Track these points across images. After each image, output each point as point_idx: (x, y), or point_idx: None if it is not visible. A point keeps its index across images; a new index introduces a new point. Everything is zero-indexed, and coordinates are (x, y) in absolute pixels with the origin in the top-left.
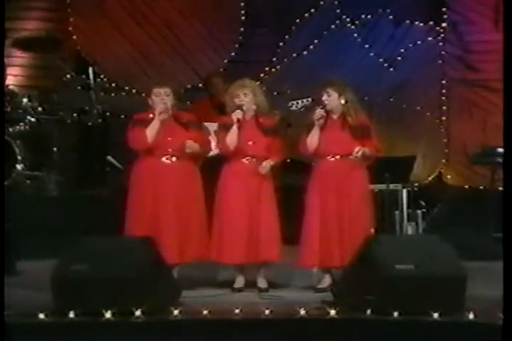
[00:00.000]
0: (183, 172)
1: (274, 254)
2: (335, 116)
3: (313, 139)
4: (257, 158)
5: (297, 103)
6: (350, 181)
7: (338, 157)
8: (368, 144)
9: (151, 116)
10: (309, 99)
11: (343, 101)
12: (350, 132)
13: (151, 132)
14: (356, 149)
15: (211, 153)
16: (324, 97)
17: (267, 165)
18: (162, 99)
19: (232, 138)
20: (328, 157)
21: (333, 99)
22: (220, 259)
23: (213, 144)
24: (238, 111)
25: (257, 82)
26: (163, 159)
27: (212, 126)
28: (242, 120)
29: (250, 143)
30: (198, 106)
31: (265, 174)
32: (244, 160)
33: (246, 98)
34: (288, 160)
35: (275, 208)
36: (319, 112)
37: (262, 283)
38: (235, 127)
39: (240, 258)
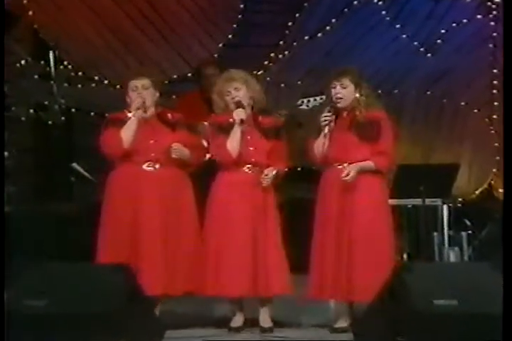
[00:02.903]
0: (170, 182)
1: (284, 285)
2: (344, 114)
3: (320, 145)
4: (259, 167)
5: (308, 101)
6: (360, 194)
7: (345, 164)
8: (375, 149)
9: (129, 115)
10: (323, 97)
11: (357, 95)
12: (358, 132)
13: (126, 133)
14: (343, 173)
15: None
16: (337, 89)
17: (269, 174)
18: (139, 93)
19: (234, 143)
20: (336, 164)
21: (348, 91)
22: (216, 291)
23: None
24: (240, 109)
25: (260, 72)
26: (145, 166)
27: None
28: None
29: (251, 148)
30: (185, 100)
31: (268, 185)
32: (245, 169)
33: (239, 93)
34: (299, 169)
35: (279, 228)
36: (326, 117)
37: (265, 321)
38: (237, 130)
39: (241, 290)
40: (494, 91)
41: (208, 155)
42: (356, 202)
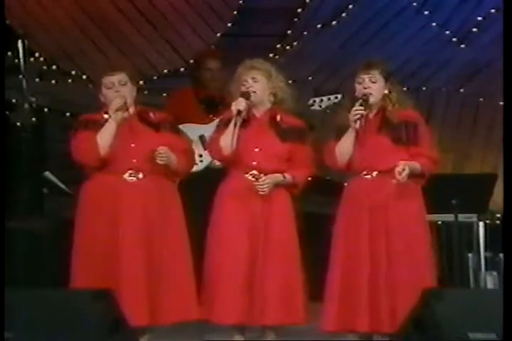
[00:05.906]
0: (155, 194)
1: (287, 313)
2: (372, 114)
3: (344, 148)
4: (265, 173)
5: (320, 101)
6: (394, 208)
7: (374, 173)
8: (416, 152)
9: (105, 116)
10: (338, 96)
11: (387, 91)
12: (391, 134)
13: (103, 138)
14: (399, 168)
15: (196, 168)
16: (366, 83)
17: (267, 180)
18: (117, 91)
19: (227, 139)
20: (362, 173)
21: (378, 87)
22: (210, 317)
23: (197, 155)
24: (240, 99)
25: None
26: (126, 176)
27: (195, 129)
28: (251, 116)
29: (256, 149)
30: (176, 98)
31: (281, 196)
32: (247, 175)
33: (256, 84)
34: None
35: (295, 247)
36: (358, 111)
37: None
38: (232, 123)
39: (237, 317)
40: None
41: (201, 163)
42: (396, 217)
